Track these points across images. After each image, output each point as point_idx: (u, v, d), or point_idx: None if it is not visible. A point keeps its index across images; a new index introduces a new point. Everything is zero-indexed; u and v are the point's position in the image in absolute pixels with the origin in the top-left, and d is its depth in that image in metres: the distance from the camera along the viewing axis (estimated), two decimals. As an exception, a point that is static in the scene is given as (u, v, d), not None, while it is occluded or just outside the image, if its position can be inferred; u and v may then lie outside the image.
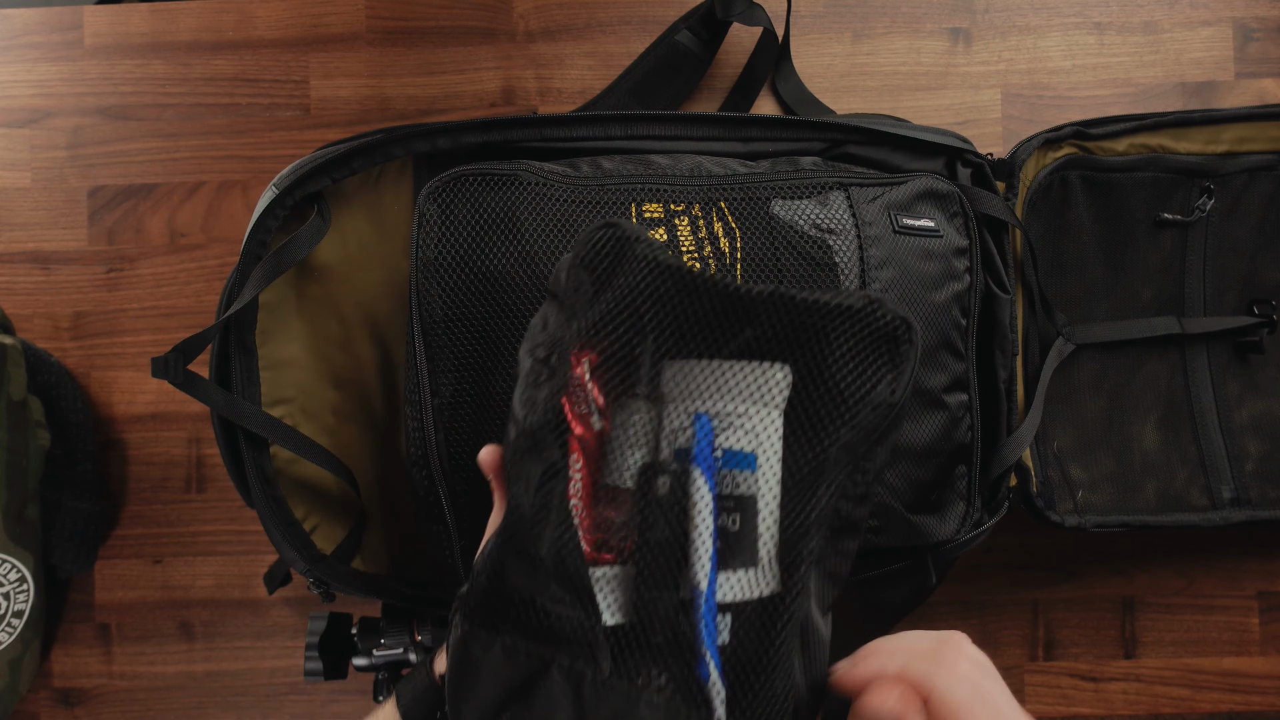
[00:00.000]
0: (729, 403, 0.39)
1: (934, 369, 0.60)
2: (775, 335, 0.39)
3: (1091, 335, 0.72)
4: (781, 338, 0.39)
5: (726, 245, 0.55)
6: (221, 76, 0.79)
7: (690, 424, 0.39)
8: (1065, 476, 0.71)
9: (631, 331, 0.40)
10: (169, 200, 0.78)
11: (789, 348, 0.40)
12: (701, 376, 0.39)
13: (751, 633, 0.39)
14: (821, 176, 0.59)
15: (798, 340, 0.39)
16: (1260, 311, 0.73)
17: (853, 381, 0.39)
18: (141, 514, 0.78)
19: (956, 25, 0.78)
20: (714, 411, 0.39)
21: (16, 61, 0.79)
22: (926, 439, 0.59)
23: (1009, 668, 0.77)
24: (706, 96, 0.78)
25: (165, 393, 0.78)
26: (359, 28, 0.79)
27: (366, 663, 0.65)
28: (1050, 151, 0.70)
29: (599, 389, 0.40)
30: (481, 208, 0.53)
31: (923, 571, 0.63)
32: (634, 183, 0.56)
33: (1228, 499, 0.72)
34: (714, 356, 0.40)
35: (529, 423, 0.39)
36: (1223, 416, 0.74)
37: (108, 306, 0.78)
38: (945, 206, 0.62)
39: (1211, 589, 0.77)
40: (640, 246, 0.40)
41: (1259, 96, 0.77)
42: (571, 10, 0.78)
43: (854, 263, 0.57)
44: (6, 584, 0.70)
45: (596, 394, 0.40)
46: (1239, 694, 0.77)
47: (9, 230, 0.79)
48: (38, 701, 0.78)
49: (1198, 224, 0.73)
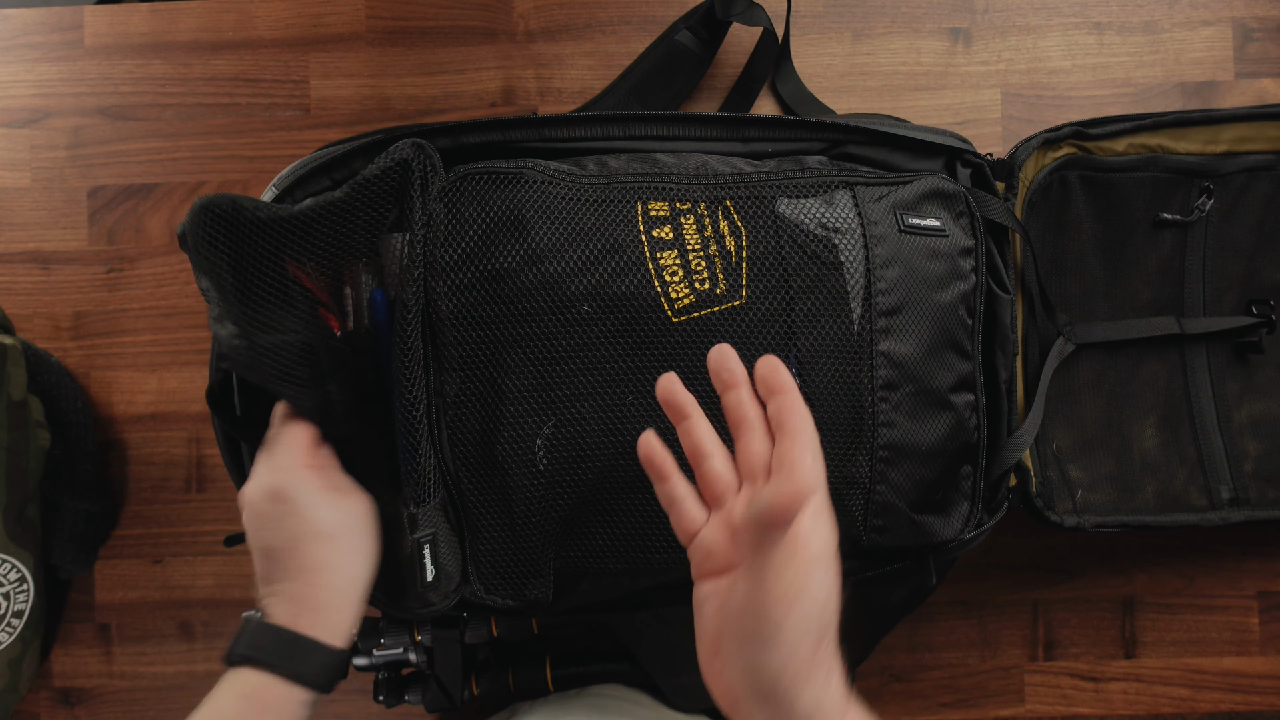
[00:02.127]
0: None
1: (941, 368, 0.60)
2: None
3: (1091, 335, 0.72)
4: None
5: (732, 244, 0.55)
6: (221, 76, 0.79)
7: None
8: (1065, 476, 0.71)
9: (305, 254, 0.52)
10: (169, 200, 0.78)
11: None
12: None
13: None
14: (827, 176, 0.59)
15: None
16: (1259, 311, 0.73)
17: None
18: (141, 514, 0.78)
19: (956, 25, 0.78)
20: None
21: (16, 61, 0.79)
22: (933, 439, 0.59)
23: (1009, 668, 0.78)
24: (706, 96, 0.78)
25: (165, 393, 0.78)
26: (359, 28, 0.79)
27: (366, 663, 0.65)
28: (1050, 151, 0.70)
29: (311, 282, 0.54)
30: (488, 206, 0.53)
31: (923, 571, 0.63)
32: (640, 181, 0.56)
33: (1227, 499, 0.72)
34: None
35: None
36: (1222, 417, 0.74)
37: (108, 306, 0.78)
38: (951, 206, 0.62)
39: (1211, 589, 0.77)
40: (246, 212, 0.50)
41: (1259, 96, 0.77)
42: (571, 10, 0.78)
43: (859, 261, 0.57)
44: (6, 584, 0.70)
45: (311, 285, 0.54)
46: (1239, 694, 0.77)
47: (9, 230, 0.79)
48: (38, 701, 0.78)
49: (1197, 224, 0.73)
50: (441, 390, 0.54)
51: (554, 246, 0.53)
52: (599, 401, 0.55)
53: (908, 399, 0.58)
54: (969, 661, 0.78)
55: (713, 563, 0.45)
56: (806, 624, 0.40)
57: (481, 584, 0.57)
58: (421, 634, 0.64)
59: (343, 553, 0.51)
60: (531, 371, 0.54)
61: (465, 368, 0.54)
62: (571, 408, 0.55)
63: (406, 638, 0.64)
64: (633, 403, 0.55)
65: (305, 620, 0.50)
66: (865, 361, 0.57)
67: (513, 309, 0.53)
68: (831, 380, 0.56)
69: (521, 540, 0.56)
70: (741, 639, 0.42)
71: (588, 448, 0.55)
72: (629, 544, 0.57)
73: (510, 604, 0.58)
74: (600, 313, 0.54)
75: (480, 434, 0.55)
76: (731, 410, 0.45)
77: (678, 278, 0.54)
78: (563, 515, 0.56)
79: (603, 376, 0.54)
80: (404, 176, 0.53)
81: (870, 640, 0.68)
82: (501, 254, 0.53)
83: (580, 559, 0.58)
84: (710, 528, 0.45)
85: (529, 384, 0.54)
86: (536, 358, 0.54)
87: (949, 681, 0.78)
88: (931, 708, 0.78)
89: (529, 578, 0.57)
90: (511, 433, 0.54)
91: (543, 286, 0.53)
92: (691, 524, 0.46)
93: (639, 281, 0.54)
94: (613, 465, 0.55)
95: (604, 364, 0.54)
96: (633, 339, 0.54)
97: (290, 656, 0.49)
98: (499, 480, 0.55)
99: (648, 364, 0.55)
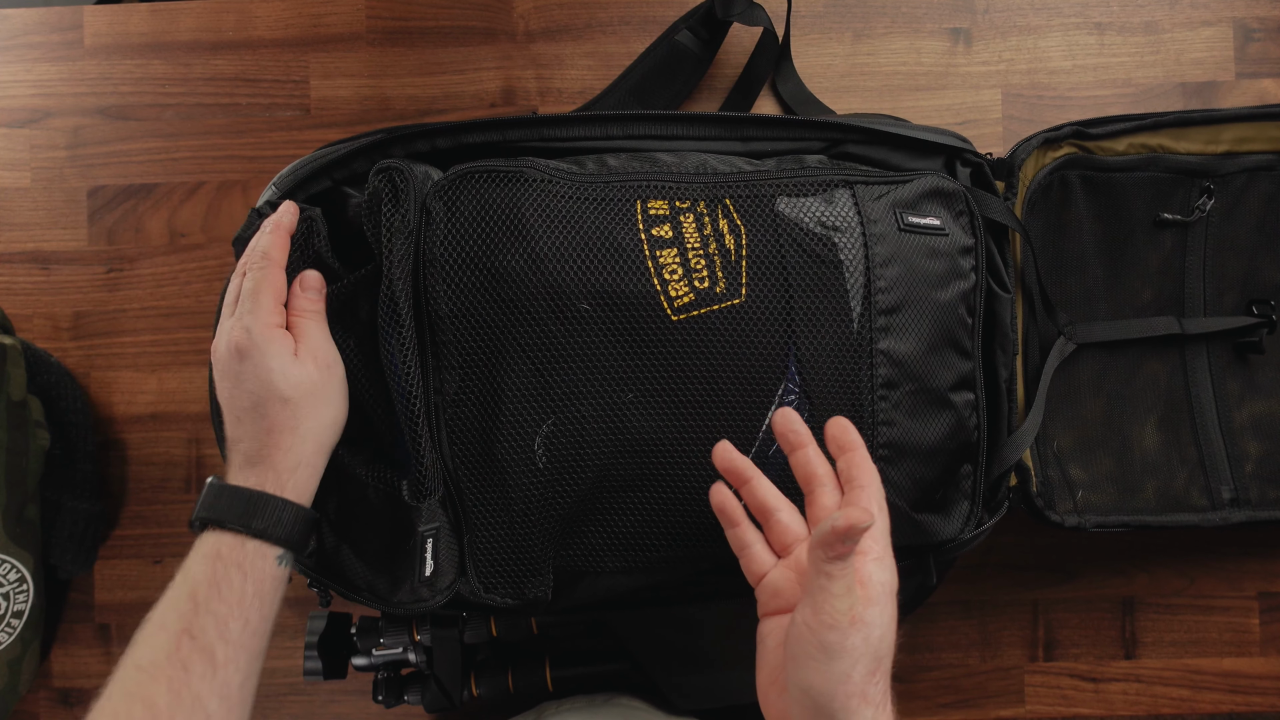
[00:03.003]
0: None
1: (941, 367, 0.60)
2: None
3: (1091, 335, 0.72)
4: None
5: (732, 242, 0.55)
6: (221, 76, 0.79)
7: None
8: (1065, 476, 0.71)
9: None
10: (169, 200, 0.79)
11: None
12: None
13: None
14: (827, 174, 0.59)
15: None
16: (1260, 311, 0.73)
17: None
18: (141, 514, 0.78)
19: (957, 25, 0.78)
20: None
21: (16, 61, 0.79)
22: (934, 438, 0.59)
23: (1009, 668, 0.77)
24: (706, 96, 0.78)
25: (165, 393, 0.78)
26: (359, 28, 0.79)
27: (366, 662, 0.65)
28: (1050, 151, 0.70)
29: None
30: (487, 205, 0.53)
31: (924, 571, 0.63)
32: (639, 180, 0.56)
33: (1227, 499, 0.72)
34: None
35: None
36: (1222, 417, 0.74)
37: (108, 306, 0.78)
38: (951, 205, 0.62)
39: (1211, 589, 0.77)
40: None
41: (1259, 96, 0.77)
42: (571, 10, 0.78)
43: (859, 260, 0.57)
44: (6, 584, 0.70)
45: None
46: (1239, 694, 0.77)
47: (9, 230, 0.79)
48: (38, 701, 0.78)
49: (1197, 224, 0.73)
50: (441, 388, 0.54)
51: (553, 245, 0.53)
52: (598, 400, 0.55)
53: (908, 398, 0.58)
54: (969, 662, 0.78)
55: (778, 601, 0.49)
56: (861, 650, 0.44)
57: (481, 583, 0.57)
58: (421, 634, 0.64)
59: (303, 416, 0.51)
60: (531, 370, 0.54)
61: (464, 366, 0.54)
62: (571, 406, 0.55)
63: (406, 637, 0.64)
64: (632, 401, 0.55)
65: (262, 477, 0.50)
66: (865, 360, 0.57)
67: (512, 307, 0.53)
68: (831, 379, 0.56)
69: (521, 539, 0.56)
70: (799, 660, 0.45)
71: (587, 446, 0.55)
72: (628, 543, 0.57)
73: (510, 603, 0.58)
74: (600, 311, 0.54)
75: (480, 432, 0.55)
76: (801, 467, 0.50)
77: (677, 276, 0.54)
78: (562, 514, 0.56)
79: (602, 375, 0.54)
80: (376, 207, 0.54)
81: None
82: (501, 252, 0.53)
83: (579, 558, 0.58)
84: (778, 569, 0.50)
85: (528, 382, 0.54)
86: (536, 356, 0.54)
87: (949, 682, 0.78)
88: (931, 708, 0.78)
89: (528, 576, 0.57)
90: (511, 431, 0.54)
91: (542, 285, 0.53)
92: (761, 567, 0.50)
93: (638, 280, 0.54)
94: (612, 464, 0.55)
95: (603, 362, 0.54)
96: (632, 337, 0.54)
97: (248, 513, 0.49)
98: (498, 479, 0.55)
99: (647, 362, 0.54)
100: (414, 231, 0.53)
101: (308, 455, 0.52)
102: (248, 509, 0.50)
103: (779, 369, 0.55)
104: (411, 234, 0.53)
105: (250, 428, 0.51)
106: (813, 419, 0.56)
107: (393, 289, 0.53)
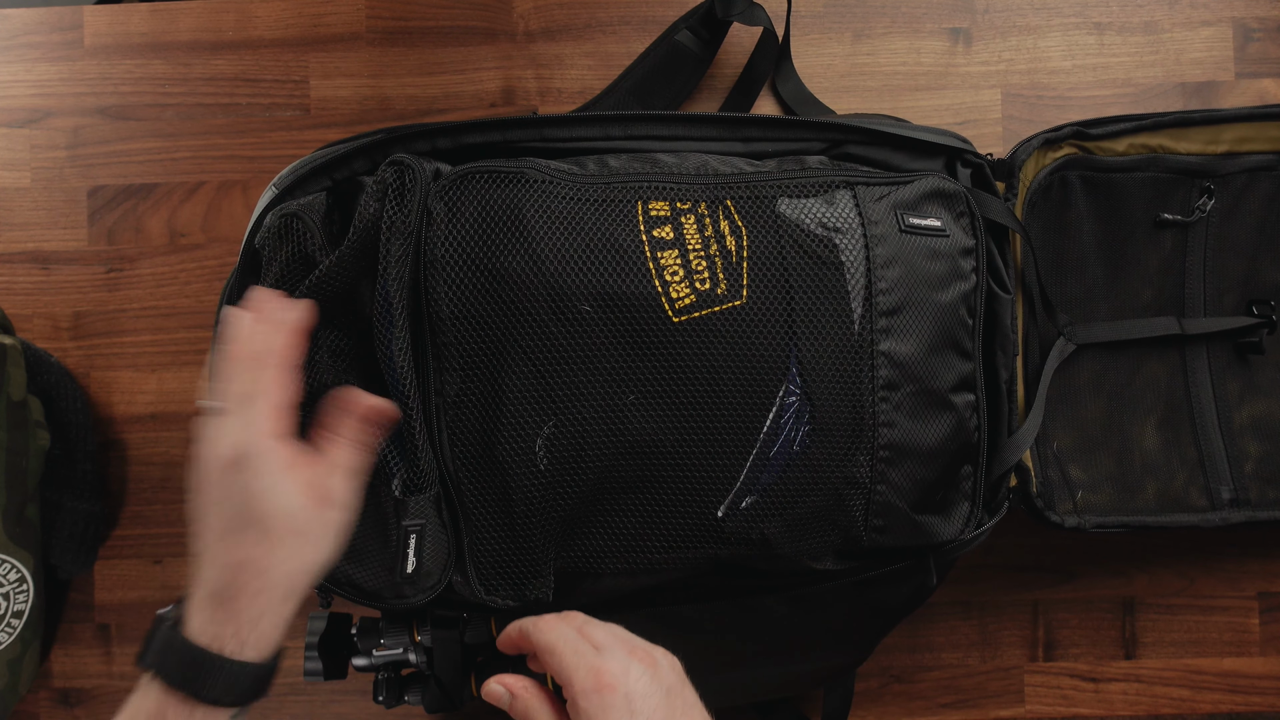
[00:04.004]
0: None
1: (942, 368, 0.60)
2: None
3: (1091, 335, 0.72)
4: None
5: (733, 243, 0.55)
6: (221, 76, 0.79)
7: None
8: (1065, 477, 0.71)
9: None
10: (169, 200, 0.78)
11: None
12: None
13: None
14: (828, 175, 0.59)
15: None
16: (1260, 312, 0.73)
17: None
18: (141, 514, 0.78)
19: (956, 25, 0.78)
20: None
21: (16, 61, 0.79)
22: (934, 439, 0.59)
23: (1009, 668, 0.78)
24: (706, 96, 0.78)
25: (165, 393, 0.78)
26: (359, 28, 0.79)
27: (366, 663, 0.65)
28: (1050, 151, 0.70)
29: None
30: (488, 205, 0.53)
31: (924, 572, 0.63)
32: (640, 180, 0.56)
33: (1227, 499, 0.72)
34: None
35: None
36: (1222, 417, 0.74)
37: (108, 306, 0.78)
38: (952, 206, 0.62)
39: (1211, 589, 0.77)
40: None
41: (1259, 96, 0.77)
42: (571, 10, 0.78)
43: (860, 261, 0.57)
44: (6, 584, 0.70)
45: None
46: (1239, 695, 0.77)
47: (9, 230, 0.79)
48: (38, 701, 0.78)
49: (1198, 224, 0.73)
50: (441, 390, 0.54)
51: (554, 246, 0.53)
52: (599, 401, 0.55)
53: (908, 399, 0.58)
54: (969, 662, 0.78)
55: None
56: None
57: (482, 584, 0.57)
58: (421, 634, 0.64)
59: (276, 558, 0.46)
60: (532, 371, 0.54)
61: (465, 367, 0.54)
62: (572, 408, 0.54)
63: (406, 638, 0.64)
64: (633, 403, 0.55)
65: (221, 628, 0.45)
66: (866, 361, 0.57)
67: (513, 309, 0.53)
68: (832, 380, 0.56)
69: (522, 540, 0.56)
70: None
71: (588, 448, 0.55)
72: (629, 544, 0.57)
73: (510, 604, 0.58)
74: (601, 312, 0.54)
75: (480, 434, 0.54)
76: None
77: (678, 277, 0.54)
78: (563, 515, 0.56)
79: (603, 376, 0.54)
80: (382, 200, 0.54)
81: (870, 641, 0.68)
82: (502, 253, 0.53)
83: (580, 559, 0.58)
84: None
85: (529, 384, 0.54)
86: (537, 358, 0.54)
87: (949, 682, 0.78)
88: (931, 708, 0.78)
89: (529, 578, 0.57)
90: (512, 433, 0.54)
91: (543, 286, 0.53)
92: None
93: (639, 281, 0.54)
94: (613, 465, 0.55)
95: (604, 364, 0.54)
96: (633, 339, 0.54)
97: (200, 679, 0.44)
98: (499, 480, 0.55)
99: (648, 364, 0.54)
100: (414, 232, 0.53)
101: (274, 603, 0.46)
102: (201, 674, 0.44)
103: (780, 370, 0.55)
104: (410, 235, 0.53)
105: (220, 557, 0.45)
106: (813, 420, 0.56)
107: (387, 289, 0.52)
